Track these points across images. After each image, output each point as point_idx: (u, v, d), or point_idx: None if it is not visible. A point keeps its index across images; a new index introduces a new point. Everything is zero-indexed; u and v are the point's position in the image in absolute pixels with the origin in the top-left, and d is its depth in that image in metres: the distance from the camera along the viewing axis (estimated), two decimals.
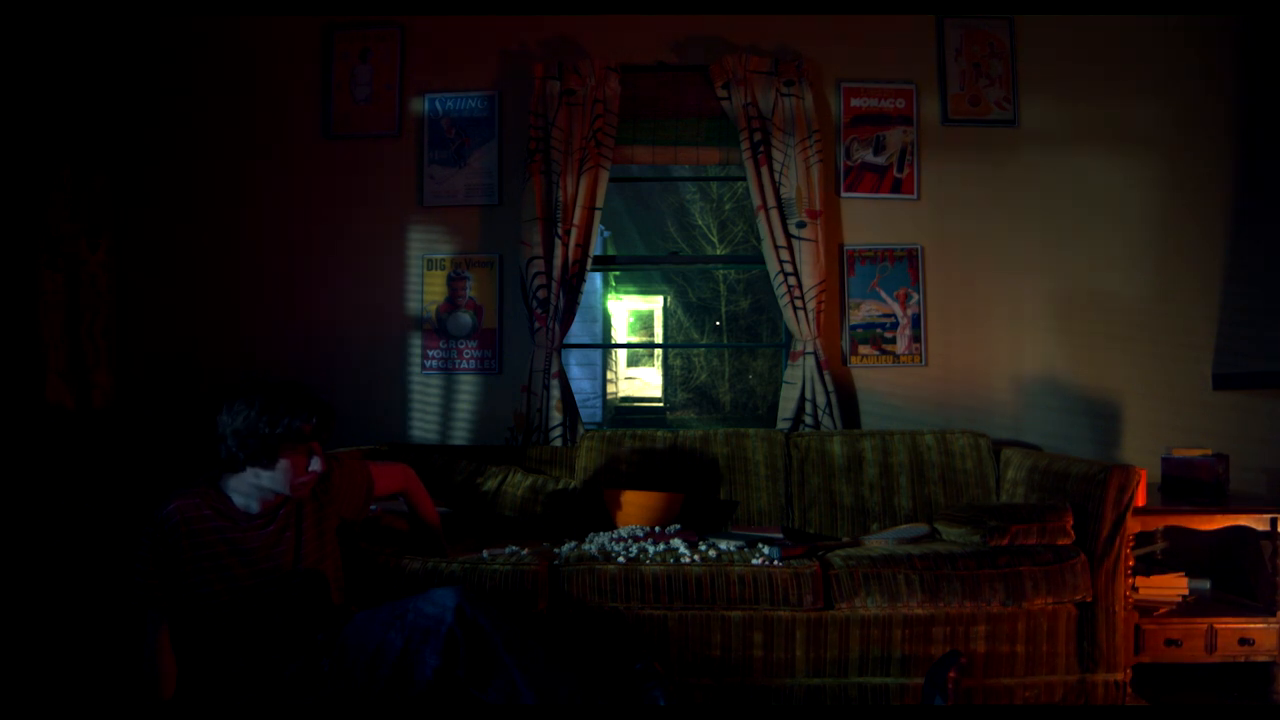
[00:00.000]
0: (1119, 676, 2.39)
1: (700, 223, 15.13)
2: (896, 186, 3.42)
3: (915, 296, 3.39)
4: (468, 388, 3.40)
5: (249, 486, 1.88)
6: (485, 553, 2.41)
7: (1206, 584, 2.92)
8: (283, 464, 1.84)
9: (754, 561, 2.37)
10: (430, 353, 3.40)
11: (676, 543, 2.53)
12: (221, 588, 1.84)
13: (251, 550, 1.87)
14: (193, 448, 3.32)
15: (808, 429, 3.22)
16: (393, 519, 2.56)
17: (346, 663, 1.83)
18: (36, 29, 3.00)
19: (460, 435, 3.39)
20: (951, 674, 2.15)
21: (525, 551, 2.45)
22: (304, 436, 1.84)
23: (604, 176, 3.28)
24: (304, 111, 3.46)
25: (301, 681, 1.84)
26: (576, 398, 3.38)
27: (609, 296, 14.96)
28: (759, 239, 3.32)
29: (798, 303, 3.24)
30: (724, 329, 15.56)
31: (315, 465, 1.89)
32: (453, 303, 3.41)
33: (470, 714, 1.80)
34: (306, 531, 1.96)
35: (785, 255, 3.25)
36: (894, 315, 3.39)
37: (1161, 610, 2.71)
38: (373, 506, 2.30)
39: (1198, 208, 3.39)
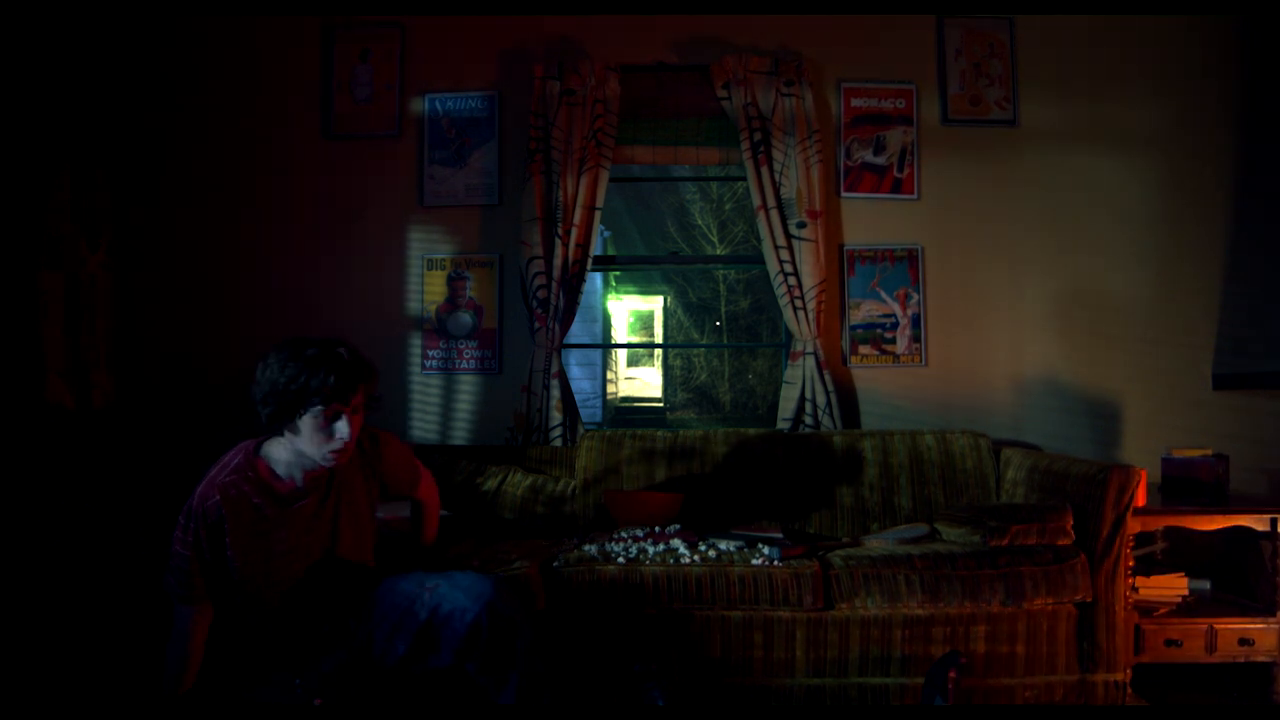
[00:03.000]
0: (1119, 676, 2.39)
1: (700, 223, 15.13)
2: (896, 186, 3.42)
3: (915, 296, 3.39)
4: (468, 388, 3.40)
5: (289, 453, 1.78)
6: (476, 564, 2.36)
7: (1206, 584, 2.92)
8: (306, 427, 1.70)
9: (754, 562, 2.37)
10: (430, 353, 3.39)
11: (676, 543, 2.53)
12: (263, 568, 1.78)
13: (293, 527, 1.79)
14: (193, 448, 3.32)
15: (808, 429, 3.22)
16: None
17: (370, 624, 1.80)
18: (37, 29, 3.00)
19: (460, 435, 3.39)
20: (951, 674, 2.15)
21: (517, 562, 2.39)
22: (325, 397, 1.69)
23: (604, 176, 3.27)
24: (304, 111, 3.46)
25: (332, 640, 1.82)
26: (576, 398, 3.38)
27: (609, 296, 14.95)
28: (759, 239, 3.32)
29: (798, 303, 3.24)
30: (724, 329, 15.55)
31: (341, 430, 1.72)
32: (453, 303, 3.41)
33: (470, 714, 1.80)
34: (358, 504, 1.88)
35: (785, 255, 3.25)
36: (894, 315, 3.39)
37: (1161, 610, 2.71)
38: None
39: (1198, 208, 3.39)
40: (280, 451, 1.79)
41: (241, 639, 1.85)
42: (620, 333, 16.27)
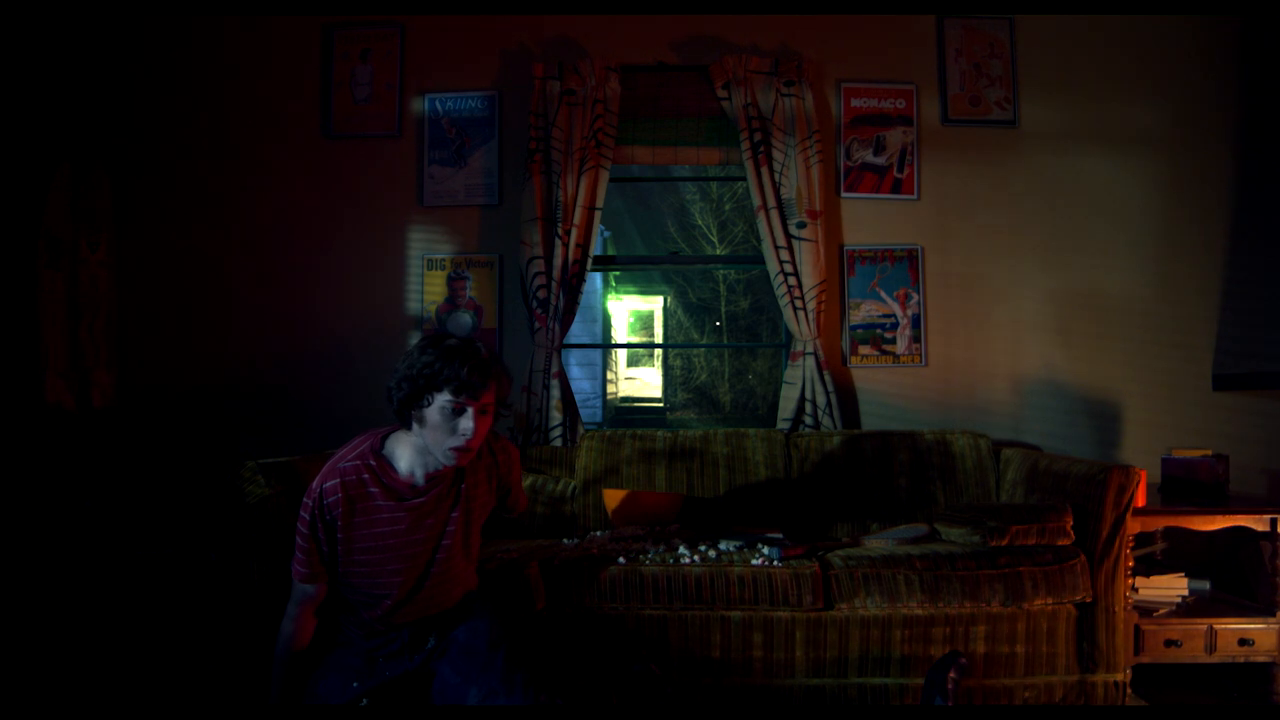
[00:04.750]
0: (1119, 677, 2.39)
1: (700, 223, 15.12)
2: (896, 187, 3.42)
3: (915, 296, 3.39)
4: None
5: (413, 449, 1.77)
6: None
7: (1206, 584, 2.92)
8: (432, 418, 1.70)
9: (754, 562, 2.37)
10: None
11: (676, 543, 2.53)
12: (370, 557, 1.77)
13: (405, 522, 1.78)
14: (192, 447, 3.32)
15: (808, 429, 3.22)
16: None
17: (441, 660, 1.83)
18: (36, 28, 3.00)
19: None
20: (951, 674, 2.15)
21: (517, 557, 2.43)
22: (456, 387, 1.68)
23: (604, 176, 3.27)
24: (304, 111, 3.46)
25: (406, 650, 1.85)
26: (576, 398, 3.37)
27: (609, 296, 14.95)
28: (759, 239, 3.32)
29: (798, 303, 3.24)
30: (724, 329, 15.55)
31: (465, 425, 1.70)
32: (453, 303, 3.41)
33: (468, 714, 1.80)
34: (475, 511, 1.87)
35: (785, 255, 3.25)
36: (894, 315, 3.39)
37: (1161, 611, 2.71)
38: None
39: (1198, 208, 3.39)
40: (404, 447, 1.79)
41: (329, 621, 1.87)
42: (620, 333, 16.26)
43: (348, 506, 1.75)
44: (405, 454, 1.80)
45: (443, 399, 1.70)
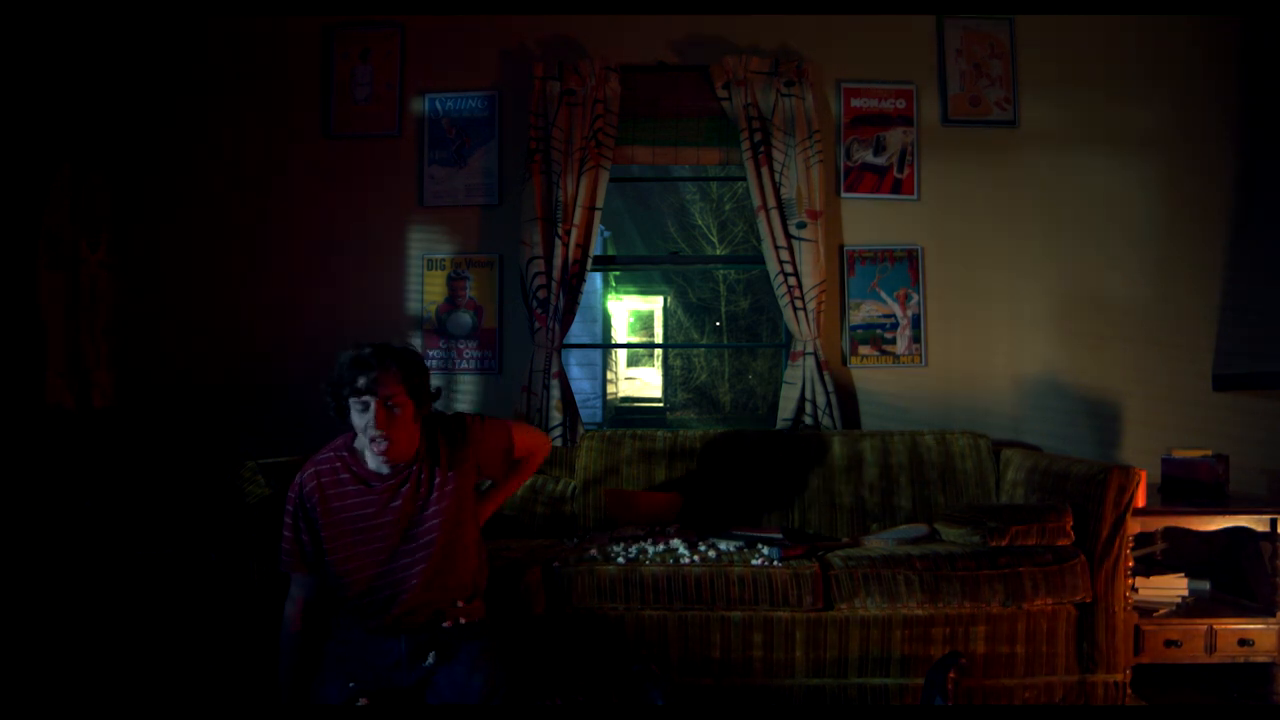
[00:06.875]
0: (1119, 677, 2.39)
1: (700, 223, 15.12)
2: (896, 187, 3.42)
3: (915, 297, 3.39)
4: (468, 388, 3.40)
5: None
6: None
7: (1206, 585, 2.92)
8: (355, 421, 1.86)
9: (754, 562, 2.37)
10: (430, 353, 3.39)
11: (676, 543, 2.53)
12: (348, 540, 1.86)
13: (376, 504, 1.88)
14: (192, 447, 3.32)
15: (808, 429, 3.22)
16: None
17: (442, 666, 1.87)
18: (37, 28, 3.00)
19: None
20: (951, 674, 2.14)
21: (518, 557, 2.43)
22: (351, 389, 1.83)
23: (604, 176, 3.27)
24: (304, 111, 3.45)
25: (406, 661, 1.87)
26: (576, 398, 3.37)
27: (609, 296, 14.95)
28: (759, 239, 3.32)
29: (798, 303, 3.24)
30: (724, 329, 15.55)
31: (368, 419, 1.82)
32: (453, 303, 3.41)
33: (468, 714, 1.80)
34: (446, 491, 1.94)
35: (785, 255, 3.25)
36: (894, 315, 3.39)
37: (1161, 611, 2.71)
38: None
39: (1198, 208, 3.39)
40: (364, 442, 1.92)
41: (333, 629, 1.93)
42: (620, 333, 16.26)
43: (323, 494, 1.88)
44: (370, 453, 1.91)
45: (351, 402, 1.84)
